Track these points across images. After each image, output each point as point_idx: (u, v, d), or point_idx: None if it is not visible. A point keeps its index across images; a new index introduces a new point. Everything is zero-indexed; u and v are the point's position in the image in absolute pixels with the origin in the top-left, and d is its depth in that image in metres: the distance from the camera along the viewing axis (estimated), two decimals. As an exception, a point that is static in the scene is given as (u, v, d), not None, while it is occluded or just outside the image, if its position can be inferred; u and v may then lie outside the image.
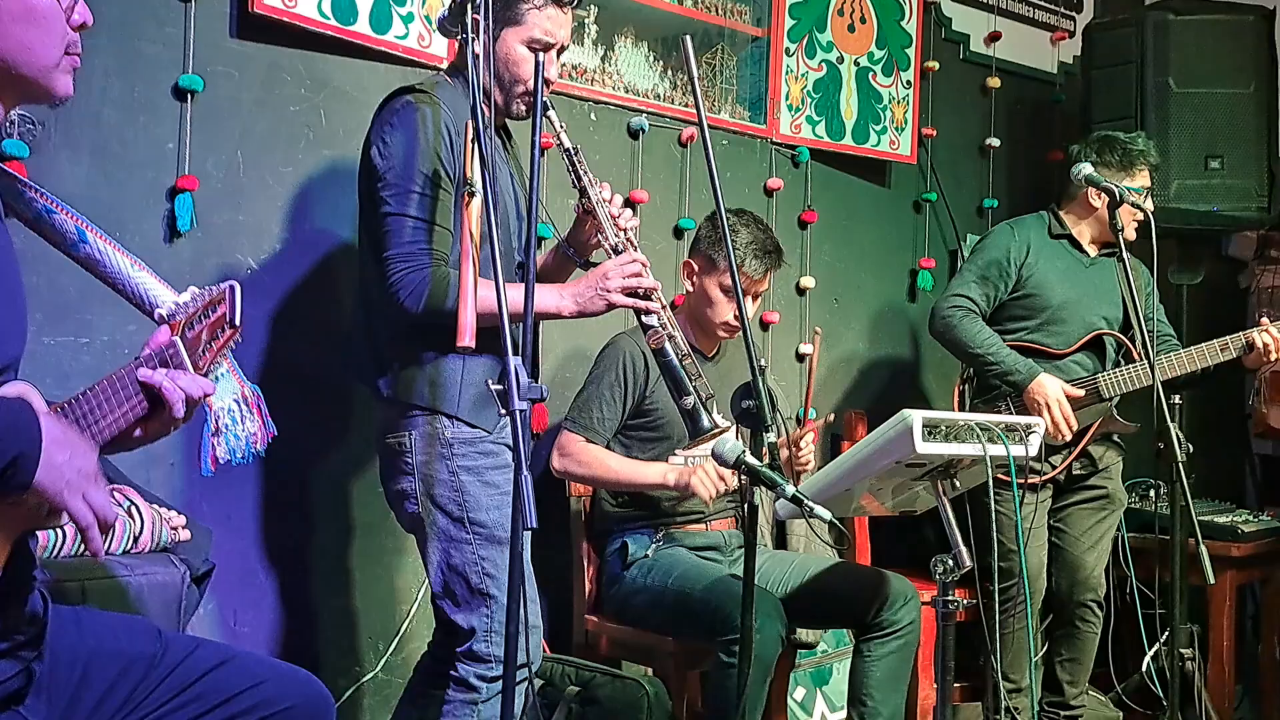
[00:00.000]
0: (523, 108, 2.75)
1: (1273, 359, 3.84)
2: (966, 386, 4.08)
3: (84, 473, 1.60)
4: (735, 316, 3.40)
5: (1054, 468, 3.90)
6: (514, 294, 2.41)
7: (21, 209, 2.01)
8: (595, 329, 3.53)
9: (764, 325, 4.33)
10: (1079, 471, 4.03)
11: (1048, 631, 4.21)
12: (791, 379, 4.47)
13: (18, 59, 1.69)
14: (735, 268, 2.65)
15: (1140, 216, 3.79)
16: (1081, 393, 3.86)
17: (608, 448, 3.44)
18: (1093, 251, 4.08)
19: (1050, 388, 3.80)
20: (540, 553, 2.99)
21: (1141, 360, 3.84)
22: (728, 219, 3.49)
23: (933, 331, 4.03)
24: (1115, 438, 4.04)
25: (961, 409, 4.04)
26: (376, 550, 3.42)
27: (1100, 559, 4.08)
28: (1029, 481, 3.78)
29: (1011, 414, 3.83)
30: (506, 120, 2.85)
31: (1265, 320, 3.88)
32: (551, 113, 2.65)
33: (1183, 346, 4.14)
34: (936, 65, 4.87)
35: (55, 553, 2.32)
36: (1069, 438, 3.82)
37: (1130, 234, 3.87)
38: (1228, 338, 3.86)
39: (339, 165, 3.33)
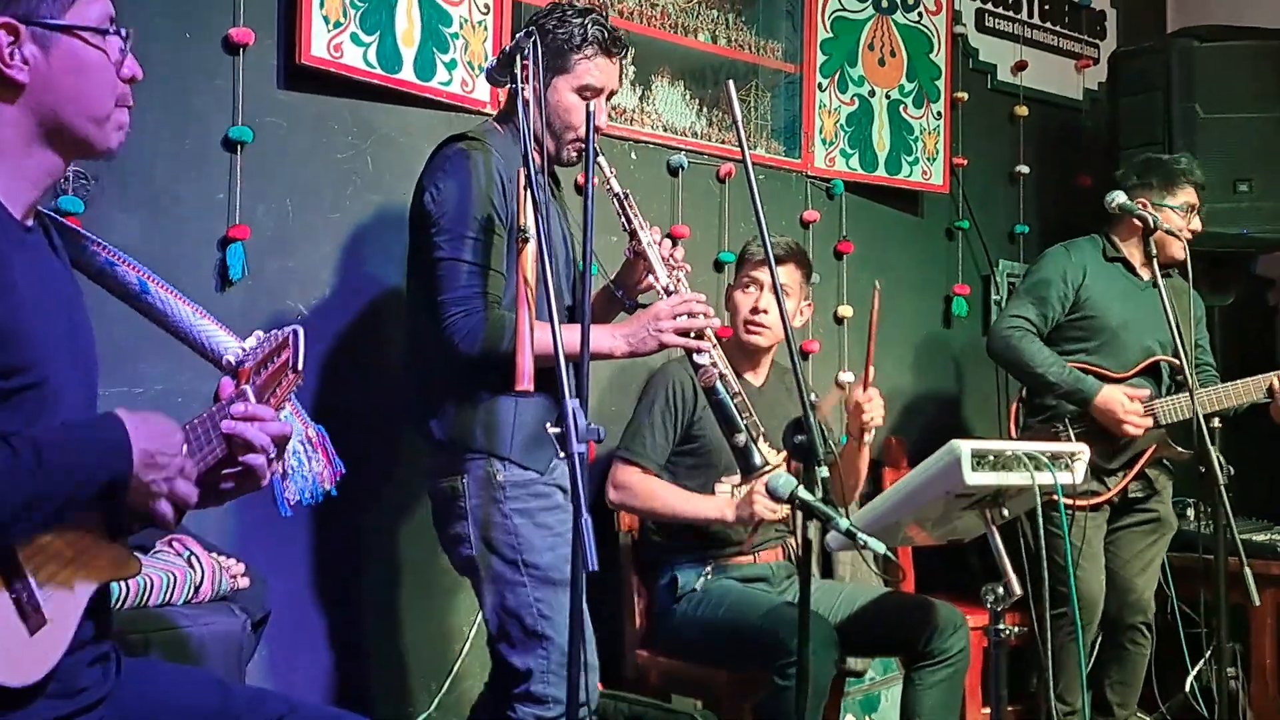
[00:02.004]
0: (573, 154, 2.73)
1: None
2: (1022, 407, 4.03)
3: (170, 484, 1.60)
4: (752, 310, 3.42)
5: (1109, 489, 3.84)
6: (568, 335, 2.36)
7: (85, 262, 1.99)
8: (639, 362, 3.49)
9: (805, 355, 4.27)
10: (1136, 495, 3.96)
11: (1097, 653, 4.12)
12: (832, 411, 4.40)
13: (70, 112, 1.66)
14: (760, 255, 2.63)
15: (1187, 238, 3.75)
16: (1146, 392, 3.83)
17: (659, 476, 3.39)
18: (1145, 275, 4.00)
19: (1117, 397, 3.77)
20: (590, 588, 2.93)
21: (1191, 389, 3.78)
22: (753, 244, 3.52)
23: (992, 353, 3.98)
24: (1165, 461, 3.97)
25: (1018, 429, 3.99)
26: (427, 590, 3.37)
27: (1150, 582, 4.02)
28: (1090, 503, 3.75)
29: (1069, 434, 3.80)
30: (555, 166, 2.82)
31: None
32: (601, 159, 2.62)
33: (1217, 370, 4.08)
34: (965, 96, 4.85)
35: (119, 605, 2.28)
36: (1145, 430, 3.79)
37: (1178, 253, 3.80)
38: (1273, 375, 3.82)
39: (386, 210, 3.31)
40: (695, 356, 2.65)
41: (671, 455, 3.42)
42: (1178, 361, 3.89)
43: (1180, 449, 3.86)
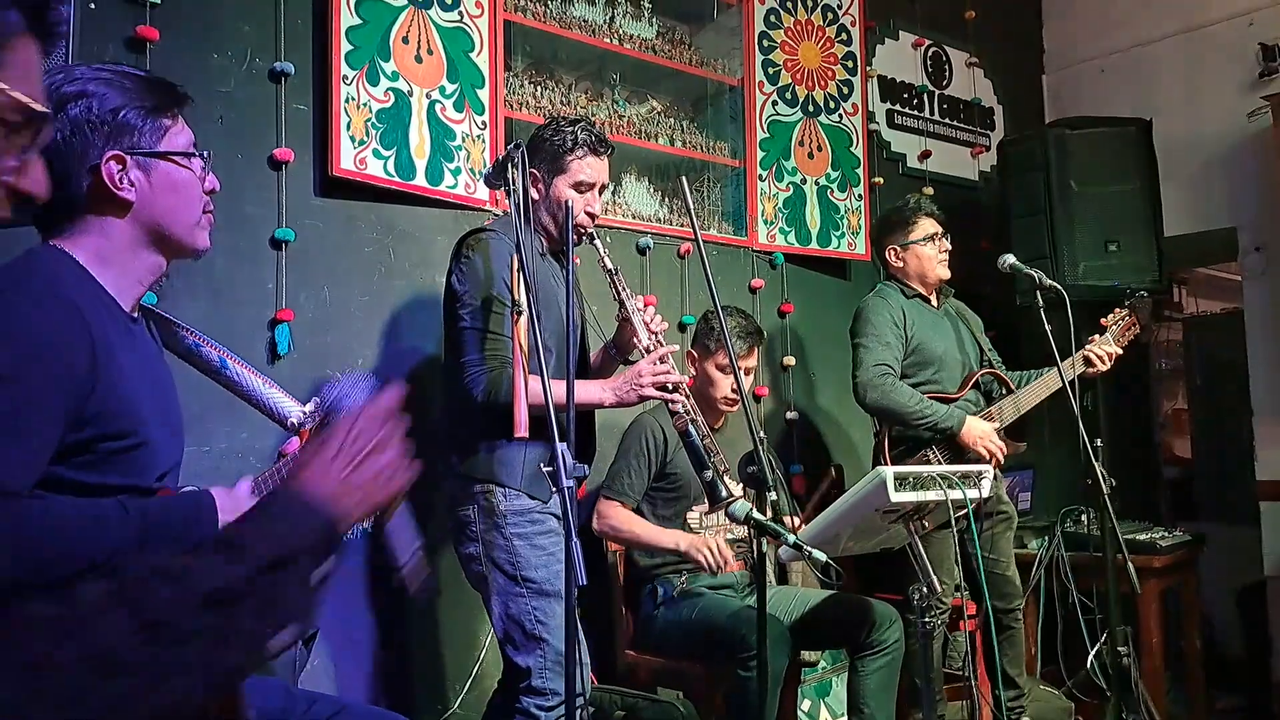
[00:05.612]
0: (574, 238, 2.79)
1: (1105, 368, 3.82)
2: (886, 439, 3.82)
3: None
4: (733, 389, 3.44)
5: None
6: (564, 389, 2.41)
7: (175, 344, 2.04)
8: (625, 411, 3.52)
9: (756, 398, 4.33)
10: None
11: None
12: (782, 443, 4.46)
13: (168, 221, 1.74)
14: (730, 346, 2.69)
15: (944, 258, 3.85)
16: (997, 423, 3.76)
17: (638, 509, 3.44)
18: (935, 303, 3.97)
19: (979, 426, 3.68)
20: (586, 602, 2.97)
21: (1013, 392, 3.81)
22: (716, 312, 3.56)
23: (867, 404, 3.73)
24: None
25: (892, 458, 3.82)
26: (450, 604, 3.39)
27: (1013, 567, 3.96)
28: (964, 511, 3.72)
29: (939, 458, 3.69)
30: (563, 248, 2.90)
31: (1095, 338, 3.85)
32: (597, 241, 2.73)
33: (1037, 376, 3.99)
34: (881, 180, 4.92)
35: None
36: (1003, 460, 3.70)
37: (945, 272, 3.89)
38: (1070, 359, 3.71)
39: (407, 293, 3.37)
40: (671, 405, 2.71)
41: (649, 490, 3.47)
42: (998, 372, 3.92)
43: (1016, 443, 3.82)
